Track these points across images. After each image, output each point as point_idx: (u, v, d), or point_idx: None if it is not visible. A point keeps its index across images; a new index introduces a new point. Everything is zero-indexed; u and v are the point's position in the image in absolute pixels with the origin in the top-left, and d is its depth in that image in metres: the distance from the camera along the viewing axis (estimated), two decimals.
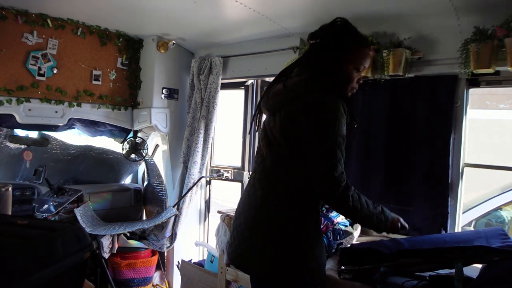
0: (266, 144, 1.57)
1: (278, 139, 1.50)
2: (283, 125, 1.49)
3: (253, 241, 1.53)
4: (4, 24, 2.56)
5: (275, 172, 1.53)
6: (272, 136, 1.53)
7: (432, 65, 2.21)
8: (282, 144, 1.49)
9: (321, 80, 1.48)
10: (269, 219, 1.51)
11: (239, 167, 3.31)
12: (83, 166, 3.38)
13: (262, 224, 1.52)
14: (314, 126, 1.41)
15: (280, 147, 1.50)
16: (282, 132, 1.49)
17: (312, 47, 1.57)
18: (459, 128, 2.18)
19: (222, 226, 2.37)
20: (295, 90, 1.50)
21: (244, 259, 1.57)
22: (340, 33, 1.53)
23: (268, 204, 1.52)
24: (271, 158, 1.54)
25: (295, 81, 1.53)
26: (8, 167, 3.16)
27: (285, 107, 1.49)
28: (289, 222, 1.49)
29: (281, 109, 1.51)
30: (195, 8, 2.46)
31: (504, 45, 1.84)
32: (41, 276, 0.83)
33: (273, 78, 1.67)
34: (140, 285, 3.11)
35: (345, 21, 1.54)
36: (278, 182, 1.53)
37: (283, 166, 1.51)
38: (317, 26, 1.58)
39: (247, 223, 1.56)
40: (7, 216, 2.08)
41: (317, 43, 1.54)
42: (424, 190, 2.26)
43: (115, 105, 3.20)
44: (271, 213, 1.51)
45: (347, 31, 1.54)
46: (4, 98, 2.62)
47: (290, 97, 1.49)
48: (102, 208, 3.18)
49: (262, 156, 1.59)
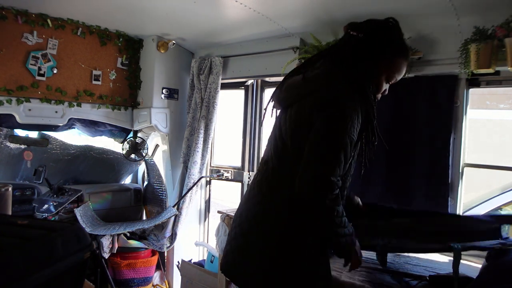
0: (273, 143, 1.42)
1: (285, 137, 1.34)
2: (294, 122, 1.32)
3: (244, 251, 1.38)
4: (4, 24, 2.56)
5: (278, 174, 1.36)
6: (280, 134, 1.38)
7: (432, 65, 2.21)
8: (288, 143, 1.33)
9: (347, 74, 1.31)
10: (264, 229, 1.34)
11: (239, 167, 3.31)
12: (83, 166, 3.38)
13: (256, 234, 1.35)
14: (322, 121, 1.25)
15: (286, 147, 1.34)
16: (291, 129, 1.33)
17: (350, 39, 1.36)
18: (459, 128, 2.18)
19: (222, 226, 2.37)
20: (315, 82, 1.32)
21: (232, 268, 1.42)
22: (390, 36, 1.36)
23: (265, 212, 1.36)
24: (276, 159, 1.37)
25: (317, 73, 1.34)
26: (8, 167, 3.16)
27: (301, 101, 1.32)
28: (288, 236, 1.31)
29: (295, 103, 1.34)
30: (195, 8, 2.46)
31: (504, 45, 1.84)
32: (41, 276, 0.83)
33: (292, 70, 1.48)
34: (140, 285, 3.11)
35: (397, 24, 1.38)
36: (280, 187, 1.35)
37: (287, 168, 1.32)
38: (317, 26, 1.56)
39: (242, 229, 1.39)
40: (7, 216, 2.08)
41: (359, 37, 1.34)
42: (424, 190, 2.26)
43: (115, 105, 3.20)
44: (268, 222, 1.34)
45: (397, 36, 1.38)
46: (4, 98, 2.62)
47: (309, 90, 1.32)
48: (102, 208, 3.18)
49: (268, 156, 1.44)
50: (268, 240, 1.33)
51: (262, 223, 1.36)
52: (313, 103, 1.29)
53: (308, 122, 1.29)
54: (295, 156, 1.30)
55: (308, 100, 1.31)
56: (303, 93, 1.34)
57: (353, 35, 1.36)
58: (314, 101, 1.29)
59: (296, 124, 1.33)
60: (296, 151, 1.31)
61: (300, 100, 1.34)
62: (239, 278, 1.41)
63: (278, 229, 1.33)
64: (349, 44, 1.36)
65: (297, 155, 1.29)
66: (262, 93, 3.23)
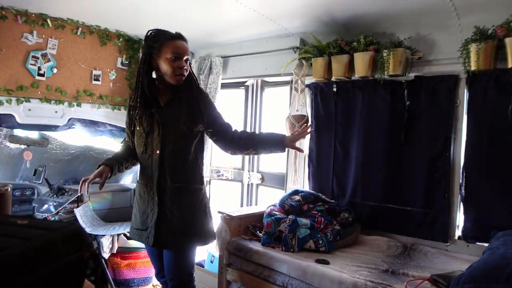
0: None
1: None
2: None
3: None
4: (4, 24, 2.56)
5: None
6: None
7: (432, 65, 2.21)
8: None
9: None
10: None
11: (239, 167, 3.30)
12: (83, 166, 3.38)
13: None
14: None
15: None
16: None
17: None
18: (459, 128, 2.18)
19: (222, 226, 2.37)
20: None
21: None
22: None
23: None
24: None
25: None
26: (8, 167, 3.16)
27: None
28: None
29: None
30: (195, 8, 2.46)
31: (504, 45, 1.84)
32: (41, 276, 0.83)
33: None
34: (140, 285, 3.11)
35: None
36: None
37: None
38: (317, 26, 1.57)
39: None
40: (7, 216, 2.07)
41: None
42: (424, 190, 2.26)
43: (115, 105, 3.20)
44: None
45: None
46: (4, 98, 2.62)
47: None
48: (102, 208, 3.18)
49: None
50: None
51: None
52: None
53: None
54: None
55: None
56: None
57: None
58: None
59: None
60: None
61: None
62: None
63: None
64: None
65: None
66: (262, 93, 3.23)
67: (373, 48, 2.25)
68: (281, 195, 2.53)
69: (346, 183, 2.57)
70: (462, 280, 1.41)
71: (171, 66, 1.76)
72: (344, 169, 2.59)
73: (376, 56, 2.26)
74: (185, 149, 1.86)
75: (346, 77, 2.43)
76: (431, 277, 1.68)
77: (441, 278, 1.64)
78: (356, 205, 2.49)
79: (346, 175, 2.58)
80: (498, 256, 1.49)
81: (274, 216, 2.27)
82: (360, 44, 2.28)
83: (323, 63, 2.45)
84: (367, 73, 2.29)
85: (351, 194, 2.53)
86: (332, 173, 2.63)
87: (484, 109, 2.04)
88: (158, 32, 1.81)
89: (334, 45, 2.40)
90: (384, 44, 2.24)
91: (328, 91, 2.63)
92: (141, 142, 1.88)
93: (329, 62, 2.44)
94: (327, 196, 2.55)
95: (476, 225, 2.07)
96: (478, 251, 1.94)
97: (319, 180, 2.71)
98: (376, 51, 2.25)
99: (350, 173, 2.54)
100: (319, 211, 2.34)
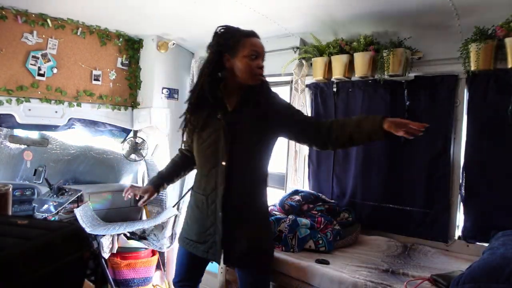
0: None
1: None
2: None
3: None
4: (4, 24, 2.56)
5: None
6: None
7: (432, 65, 2.21)
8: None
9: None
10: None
11: None
12: (83, 166, 3.38)
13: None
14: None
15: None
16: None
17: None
18: (459, 128, 2.18)
19: None
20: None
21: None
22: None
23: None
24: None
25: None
26: (8, 167, 3.15)
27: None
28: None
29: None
30: (195, 8, 2.46)
31: (504, 45, 1.84)
32: (41, 276, 0.83)
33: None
34: (140, 285, 3.11)
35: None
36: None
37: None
38: (317, 26, 1.56)
39: None
40: (7, 216, 2.07)
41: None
42: (424, 190, 2.26)
43: (115, 105, 3.20)
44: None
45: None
46: (4, 98, 2.61)
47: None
48: (102, 208, 3.18)
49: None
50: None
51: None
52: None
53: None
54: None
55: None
56: None
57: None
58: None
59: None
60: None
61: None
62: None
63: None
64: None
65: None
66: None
67: (373, 48, 2.25)
68: (281, 195, 2.53)
69: (346, 183, 2.58)
70: (462, 280, 1.41)
71: (250, 65, 1.60)
72: (344, 169, 2.59)
73: (376, 56, 2.26)
74: (255, 161, 1.68)
75: (346, 77, 2.43)
76: (431, 277, 1.68)
77: (441, 278, 1.64)
78: (356, 205, 2.49)
79: (346, 175, 2.58)
80: (498, 256, 1.49)
81: (274, 216, 2.27)
82: (360, 44, 2.28)
83: (323, 63, 2.45)
84: (367, 73, 2.29)
85: (351, 194, 2.53)
86: (332, 173, 2.63)
87: (484, 109, 2.04)
88: (230, 28, 1.63)
89: (334, 45, 2.40)
90: (384, 44, 2.24)
91: (328, 91, 2.63)
92: (202, 149, 1.70)
93: (329, 62, 2.44)
94: (327, 196, 2.55)
95: (476, 225, 2.07)
96: (478, 251, 1.94)
97: (319, 180, 2.71)
98: (376, 51, 2.25)
99: (350, 173, 2.55)
100: (319, 211, 2.35)
